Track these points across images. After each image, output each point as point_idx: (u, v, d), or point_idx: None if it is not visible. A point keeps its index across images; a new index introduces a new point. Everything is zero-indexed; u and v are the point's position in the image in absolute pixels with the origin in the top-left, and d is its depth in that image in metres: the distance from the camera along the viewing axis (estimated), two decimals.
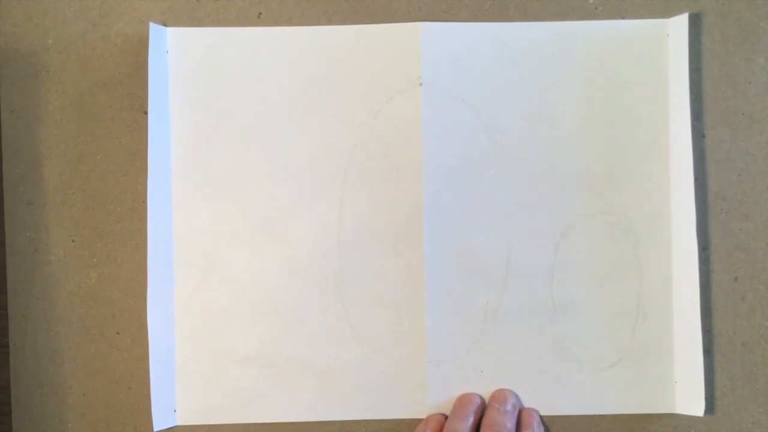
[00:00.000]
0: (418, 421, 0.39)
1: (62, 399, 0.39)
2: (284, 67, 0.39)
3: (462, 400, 0.38)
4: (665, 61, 0.39)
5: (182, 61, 0.39)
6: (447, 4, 0.39)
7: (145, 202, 0.39)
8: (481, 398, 0.39)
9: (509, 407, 0.38)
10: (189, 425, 0.39)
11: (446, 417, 0.38)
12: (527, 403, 0.39)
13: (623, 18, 0.39)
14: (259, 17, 0.39)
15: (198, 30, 0.39)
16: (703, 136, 0.39)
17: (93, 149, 0.39)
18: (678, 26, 0.39)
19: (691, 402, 0.38)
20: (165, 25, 0.39)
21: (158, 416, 0.38)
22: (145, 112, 0.39)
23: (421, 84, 0.39)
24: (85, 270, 0.39)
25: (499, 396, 0.38)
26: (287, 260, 0.39)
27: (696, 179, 0.39)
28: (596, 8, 0.39)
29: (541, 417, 0.39)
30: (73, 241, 0.39)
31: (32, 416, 0.39)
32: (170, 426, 0.39)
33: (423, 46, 0.39)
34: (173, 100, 0.39)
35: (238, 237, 0.39)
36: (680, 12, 0.39)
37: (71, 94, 0.39)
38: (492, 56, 0.39)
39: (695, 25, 0.39)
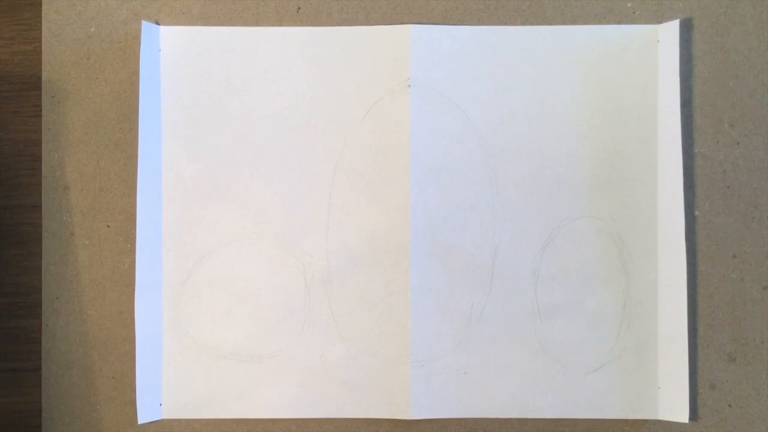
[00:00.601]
0: (401, 421, 0.39)
1: (91, 381, 0.40)
2: (275, 67, 0.39)
3: None
4: (655, 67, 0.39)
5: (174, 60, 0.39)
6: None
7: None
8: None
9: None
10: (174, 419, 0.39)
11: None
12: (510, 406, 0.39)
13: (619, 23, 0.39)
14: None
15: (190, 29, 0.39)
16: (737, 143, 0.39)
17: (131, 137, 0.39)
18: (669, 32, 0.39)
19: (674, 408, 0.38)
20: (158, 23, 0.39)
21: (143, 409, 0.39)
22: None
23: (409, 85, 0.39)
24: (119, 255, 0.40)
25: None
26: (275, 258, 0.39)
27: (728, 186, 0.39)
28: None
29: None
30: (108, 226, 0.40)
31: (61, 397, 0.40)
32: (155, 419, 0.39)
33: (412, 48, 0.39)
34: (164, 97, 0.39)
35: (226, 234, 0.39)
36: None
37: (111, 82, 0.40)
38: (481, 59, 0.39)
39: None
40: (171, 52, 0.39)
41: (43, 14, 0.40)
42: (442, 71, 0.39)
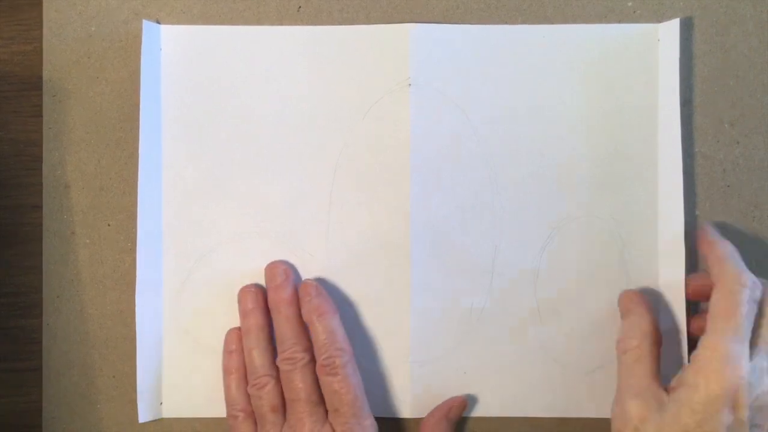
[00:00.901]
0: (401, 420, 0.39)
1: (92, 380, 0.40)
2: (276, 66, 0.39)
3: None
4: (656, 66, 0.39)
5: (175, 59, 0.39)
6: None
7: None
8: None
9: None
10: (174, 418, 0.39)
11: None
12: (510, 406, 0.39)
13: (619, 22, 0.39)
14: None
15: (191, 28, 0.39)
16: (737, 142, 0.39)
17: (132, 136, 0.39)
18: (669, 31, 0.38)
19: None
20: (159, 22, 0.39)
21: (144, 408, 0.39)
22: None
23: (409, 85, 0.39)
24: (120, 254, 0.40)
25: None
26: (275, 257, 0.39)
27: (728, 186, 0.39)
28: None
29: None
30: (108, 225, 0.40)
31: (62, 396, 0.40)
32: (156, 418, 0.39)
33: (412, 47, 0.39)
34: (165, 97, 0.39)
35: (227, 233, 0.39)
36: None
37: (112, 81, 0.40)
38: (481, 59, 0.39)
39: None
40: (172, 51, 0.39)
41: (43, 14, 0.40)
42: (442, 71, 0.39)
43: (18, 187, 0.40)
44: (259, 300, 0.38)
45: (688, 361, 0.34)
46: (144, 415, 0.39)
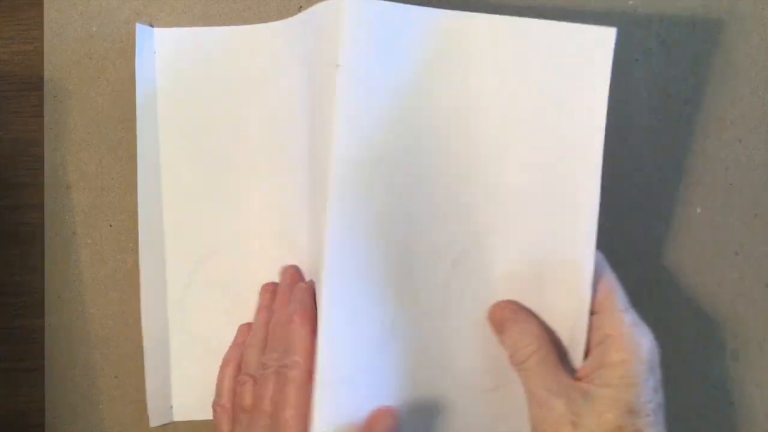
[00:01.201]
0: None
1: (94, 381, 0.40)
2: (269, 64, 0.38)
3: None
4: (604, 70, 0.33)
5: (170, 62, 0.39)
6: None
7: None
8: None
9: None
10: (184, 421, 0.39)
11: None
12: (418, 427, 0.35)
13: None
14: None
15: (183, 30, 0.39)
16: (739, 141, 0.39)
17: (132, 136, 0.39)
18: (604, 38, 0.33)
19: None
20: (151, 25, 0.39)
21: (154, 412, 0.38)
22: None
23: (338, 65, 0.32)
24: (121, 254, 0.40)
25: None
26: (274, 257, 0.39)
27: (730, 184, 0.39)
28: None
29: None
30: (110, 225, 0.40)
31: (64, 396, 0.40)
32: (167, 422, 0.39)
33: (346, 24, 0.32)
34: (161, 99, 0.39)
35: (227, 234, 0.39)
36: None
37: (113, 81, 0.40)
38: (423, 44, 0.33)
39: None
40: (167, 54, 0.39)
41: (44, 13, 0.40)
42: (377, 53, 0.32)
43: (19, 188, 0.40)
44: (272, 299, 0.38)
45: (586, 347, 0.33)
46: (155, 420, 0.39)
